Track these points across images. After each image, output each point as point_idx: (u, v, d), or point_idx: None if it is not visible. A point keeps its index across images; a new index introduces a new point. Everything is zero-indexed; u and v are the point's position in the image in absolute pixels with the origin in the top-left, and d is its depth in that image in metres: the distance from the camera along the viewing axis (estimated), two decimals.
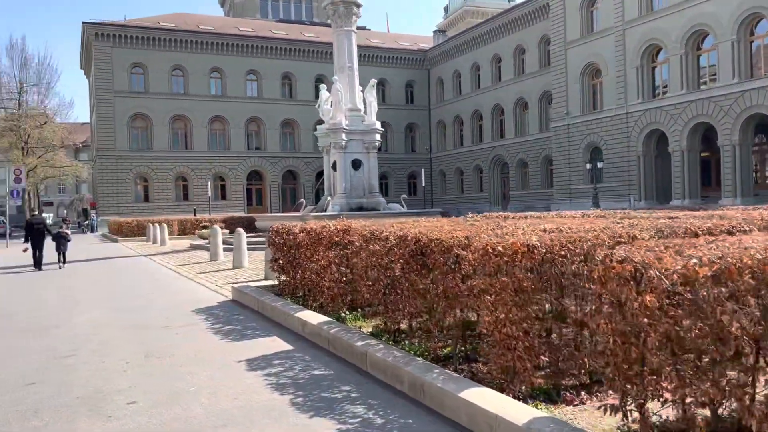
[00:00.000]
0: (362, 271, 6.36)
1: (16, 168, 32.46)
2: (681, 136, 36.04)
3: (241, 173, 58.18)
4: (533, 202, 51.26)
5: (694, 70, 35.86)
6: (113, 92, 53.18)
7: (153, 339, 7.26)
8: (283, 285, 9.19)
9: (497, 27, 55.82)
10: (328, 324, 6.41)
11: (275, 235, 9.27)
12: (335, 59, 23.89)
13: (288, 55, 59.82)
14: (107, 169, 53.12)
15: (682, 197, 36.05)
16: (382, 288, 6.02)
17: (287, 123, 60.16)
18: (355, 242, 6.99)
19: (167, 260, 18.62)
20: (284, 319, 7.48)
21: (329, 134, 23.10)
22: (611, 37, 40.30)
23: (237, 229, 14.85)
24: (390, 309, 5.98)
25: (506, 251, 4.17)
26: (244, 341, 6.89)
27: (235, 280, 12.52)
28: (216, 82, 57.63)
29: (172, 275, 14.35)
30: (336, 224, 7.48)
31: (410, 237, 5.35)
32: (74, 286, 13.17)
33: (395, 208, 23.09)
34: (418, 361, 4.82)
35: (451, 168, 63.59)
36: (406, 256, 5.41)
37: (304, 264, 8.09)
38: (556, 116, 45.44)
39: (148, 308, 9.59)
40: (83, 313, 9.45)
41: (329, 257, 7.31)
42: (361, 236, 6.40)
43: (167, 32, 55.03)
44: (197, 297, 10.55)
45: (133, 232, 34.59)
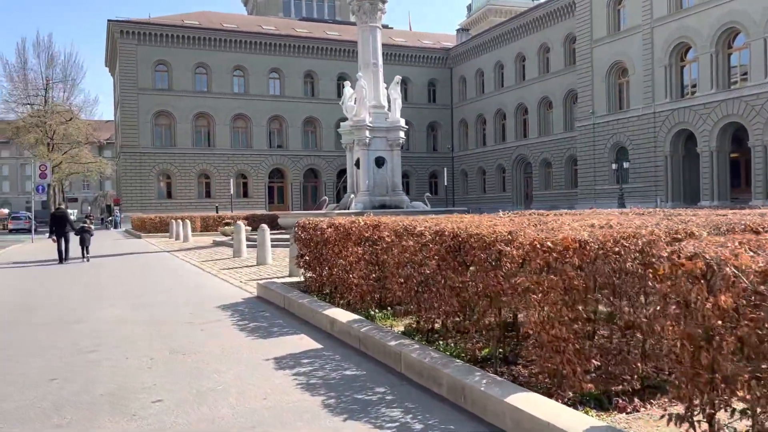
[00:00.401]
0: (394, 267, 6.10)
1: (42, 164, 32.72)
2: (710, 136, 35.30)
3: (263, 171, 58.28)
4: (557, 202, 50.62)
5: (724, 68, 35.11)
6: (137, 89, 53.57)
7: (177, 335, 7.08)
8: (309, 282, 8.97)
9: (521, 25, 55.27)
10: (358, 322, 6.17)
11: (301, 230, 9.05)
12: (360, 56, 23.68)
13: (310, 53, 59.80)
14: (131, 166, 53.54)
15: (710, 198, 35.30)
16: (415, 285, 5.77)
17: (309, 121, 60.16)
18: (386, 238, 6.75)
19: (190, 256, 18.54)
20: (312, 316, 7.25)
21: (353, 131, 22.91)
22: (639, 35, 39.62)
23: (261, 226, 14.67)
24: (423, 308, 5.72)
25: (556, 247, 3.89)
26: (270, 339, 6.67)
27: (259, 276, 12.35)
28: (239, 80, 57.79)
29: (196, 271, 14.22)
30: (366, 219, 7.24)
31: (447, 232, 5.08)
32: (97, 281, 13.10)
33: (418, 207, 22.83)
34: (457, 362, 4.56)
35: (473, 167, 63.13)
36: (442, 252, 5.15)
37: (331, 260, 7.86)
38: (582, 115, 44.82)
39: (171, 304, 9.43)
40: (106, 308, 9.32)
41: (358, 253, 7.07)
42: (393, 232, 6.15)
43: (191, 30, 55.30)
44: (221, 293, 10.37)
45: (156, 228, 34.72)
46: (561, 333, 3.88)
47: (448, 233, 5.07)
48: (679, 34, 36.98)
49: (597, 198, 43.17)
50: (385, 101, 23.55)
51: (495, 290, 4.53)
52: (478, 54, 61.70)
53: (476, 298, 4.77)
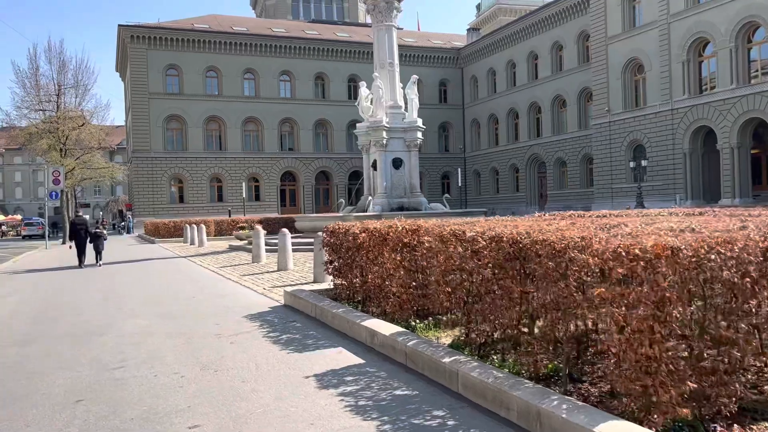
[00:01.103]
0: (440, 276, 5.68)
1: (55, 170, 32.54)
2: (731, 132, 34.61)
3: (274, 174, 57.99)
4: (572, 201, 50.02)
5: (744, 63, 34.41)
6: (148, 94, 53.43)
7: (206, 349, 6.68)
8: (338, 289, 8.57)
9: (533, 23, 54.69)
10: (403, 335, 5.74)
11: (330, 235, 8.65)
12: (375, 55, 23.27)
13: (321, 55, 59.47)
14: (143, 171, 53.40)
15: (732, 196, 34.62)
16: (464, 295, 5.35)
17: (320, 123, 59.82)
18: (426, 244, 6.34)
19: (208, 262, 18.19)
20: (348, 327, 6.83)
21: (369, 132, 22.51)
22: (655, 31, 38.98)
23: (281, 230, 14.26)
24: (474, 319, 5.30)
25: (645, 255, 3.46)
26: (306, 353, 6.26)
27: (282, 282, 11.95)
28: (249, 83, 57.54)
29: (216, 278, 13.84)
30: (403, 224, 6.81)
31: (506, 238, 4.66)
32: (116, 289, 12.75)
33: (437, 208, 22.39)
34: (526, 384, 4.12)
35: (485, 167, 62.57)
36: (500, 259, 4.72)
37: (365, 267, 7.45)
38: (597, 113, 44.19)
39: (195, 314, 9.05)
40: (128, 318, 8.95)
41: (396, 260, 6.65)
42: (439, 237, 5.73)
43: (201, 34, 55.10)
44: (246, 301, 9.98)
45: (170, 233, 34.44)
46: (652, 352, 3.45)
47: (506, 239, 4.64)
48: (696, 29, 36.32)
49: (614, 197, 42.55)
50: (401, 101, 23.14)
51: (567, 302, 4.10)
52: (490, 53, 61.16)
53: (542, 310, 4.34)
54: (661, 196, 38.73)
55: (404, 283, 6.57)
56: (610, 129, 42.89)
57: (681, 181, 37.94)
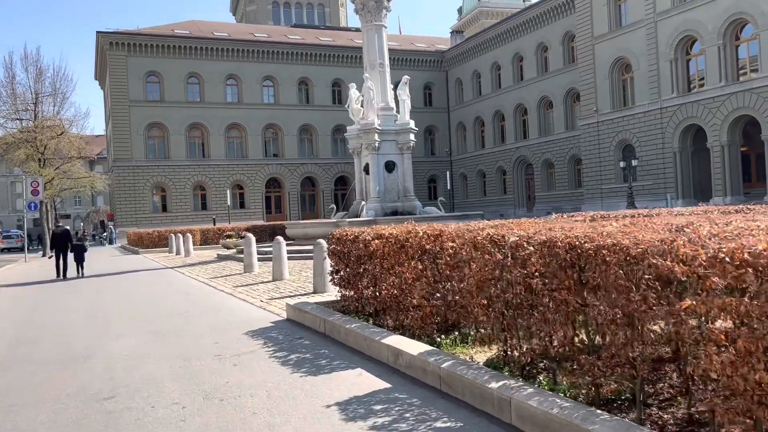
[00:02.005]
0: (474, 286, 5.05)
1: (34, 180, 31.51)
2: (720, 130, 34.46)
3: (259, 181, 57.14)
4: (561, 203, 49.73)
5: (733, 60, 34.30)
6: (129, 101, 52.41)
7: (207, 372, 5.99)
8: (347, 301, 7.92)
9: (518, 25, 54.45)
10: (434, 355, 5.09)
11: (336, 243, 7.99)
12: (365, 56, 22.65)
13: (304, 60, 58.76)
14: (124, 180, 52.32)
15: (723, 194, 34.45)
16: (503, 308, 4.72)
17: (305, 129, 59.08)
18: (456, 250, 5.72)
19: (197, 272, 17.40)
20: (366, 345, 6.16)
21: (360, 135, 21.88)
22: (642, 30, 38.81)
23: (276, 238, 13.54)
24: (517, 335, 4.68)
25: (758, 260, 2.86)
26: (322, 375, 5.59)
27: (280, 294, 11.25)
28: (232, 89, 56.69)
29: (208, 290, 13.09)
30: (425, 229, 6.18)
31: (561, 243, 4.04)
32: (102, 304, 11.98)
33: (432, 212, 21.82)
34: (602, 415, 3.49)
35: (472, 170, 62.18)
36: (553, 267, 4.10)
37: (379, 277, 6.80)
38: (585, 114, 43.94)
39: (190, 331, 8.33)
40: (117, 338, 8.22)
41: (418, 269, 6.02)
42: (471, 243, 5.10)
43: (182, 39, 54.19)
44: (244, 316, 9.27)
45: (154, 243, 33.49)
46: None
47: (562, 244, 4.02)
48: (684, 28, 36.16)
49: (604, 197, 42.28)
50: (392, 103, 22.55)
51: (642, 317, 3.50)
52: (474, 56, 60.86)
53: (611, 326, 3.73)
54: (652, 196, 38.51)
55: (427, 294, 5.94)
56: (599, 129, 42.64)
57: (671, 180, 37.73)
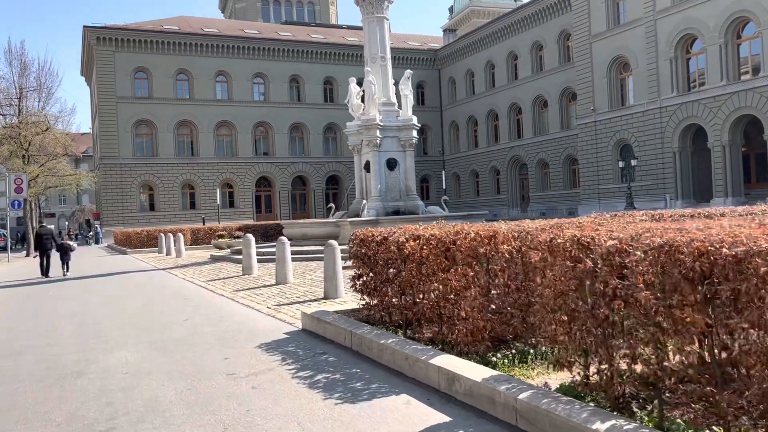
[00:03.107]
0: (549, 298, 4.22)
1: (17, 177, 30.34)
2: (722, 129, 33.96)
3: (249, 180, 56.09)
4: (555, 203, 49.23)
5: (734, 59, 33.82)
6: (116, 98, 51.20)
7: (222, 397, 5.11)
8: (371, 310, 7.06)
9: (512, 23, 53.82)
10: (504, 382, 4.22)
11: (359, 244, 7.14)
12: (366, 49, 21.79)
13: (295, 57, 57.77)
14: (111, 178, 51.10)
15: (724, 195, 33.93)
16: (593, 326, 3.90)
17: (296, 127, 58.10)
18: (505, 254, 4.89)
19: (191, 274, 16.45)
20: (408, 365, 5.29)
21: (361, 131, 21.02)
22: (641, 28, 38.26)
23: (280, 239, 12.62)
24: (608, 358, 3.86)
25: None
26: (361, 403, 4.72)
27: (287, 299, 10.36)
28: (222, 86, 55.61)
29: (206, 294, 12.16)
30: (476, 229, 5.35)
31: (687, 249, 3.22)
32: (92, 310, 11.02)
33: (436, 212, 21.02)
34: None
35: (465, 170, 61.50)
36: (675, 278, 3.28)
37: (415, 284, 5.96)
38: (582, 113, 43.36)
39: (195, 343, 7.42)
40: (112, 350, 7.31)
41: (468, 276, 5.18)
42: (546, 247, 4.26)
43: (171, 35, 53.05)
44: (252, 325, 8.37)
45: (142, 242, 32.40)
46: None
47: (688, 251, 3.20)
48: (684, 26, 35.63)
49: (601, 198, 41.71)
50: (394, 98, 21.72)
51: None
52: (468, 54, 60.16)
53: (749, 354, 2.91)
54: (650, 196, 37.99)
55: (480, 305, 5.10)
56: (596, 129, 42.07)
57: (671, 180, 37.20)
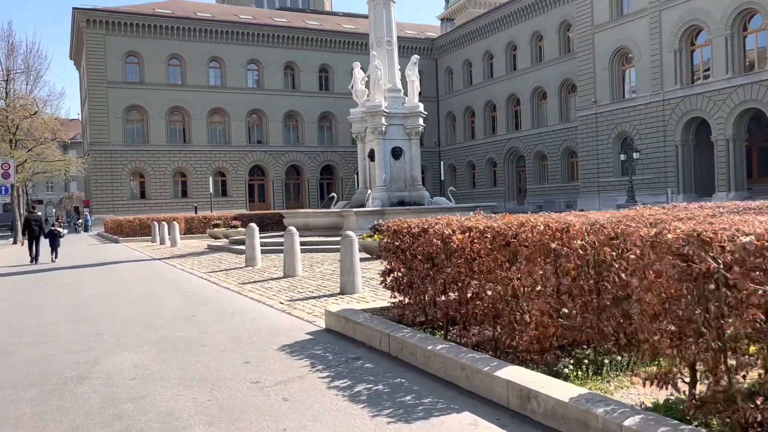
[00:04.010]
0: (651, 305, 3.55)
1: (4, 162, 29.37)
2: (726, 123, 33.47)
3: (242, 168, 55.19)
4: (553, 196, 48.71)
5: (740, 52, 33.30)
6: (106, 83, 50.11)
7: (251, 411, 4.40)
8: (405, 309, 6.37)
9: (512, 13, 53.08)
10: (599, 403, 3.54)
11: (393, 236, 6.44)
12: (372, 33, 21.01)
13: (290, 43, 56.81)
14: (101, 165, 50.06)
15: (727, 189, 33.50)
16: (713, 337, 3.24)
17: (290, 115, 57.20)
18: (590, 249, 4.23)
19: (190, 265, 15.68)
20: (465, 377, 4.56)
21: (365, 118, 20.27)
22: (645, 19, 37.64)
23: (288, 228, 11.88)
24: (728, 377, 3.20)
25: None
26: (417, 422, 3.98)
27: (300, 294, 9.64)
28: (215, 72, 54.61)
29: (210, 287, 11.42)
30: (548, 221, 4.67)
31: None
32: (89, 303, 10.27)
33: (442, 203, 20.35)
34: None
35: (461, 162, 60.87)
36: None
37: (465, 283, 5.27)
38: (583, 105, 42.75)
39: (206, 343, 6.70)
40: (114, 349, 6.58)
41: (537, 275, 4.50)
42: (649, 243, 3.59)
43: (163, 19, 51.93)
44: (268, 323, 7.65)
45: (135, 231, 31.52)
46: None
47: None
48: (690, 17, 35.05)
49: (601, 191, 41.22)
50: (400, 84, 20.96)
51: None
52: (466, 44, 59.40)
53: None
54: (652, 190, 37.53)
55: (551, 308, 4.42)
56: (597, 121, 41.50)
57: (672, 174, 36.72)
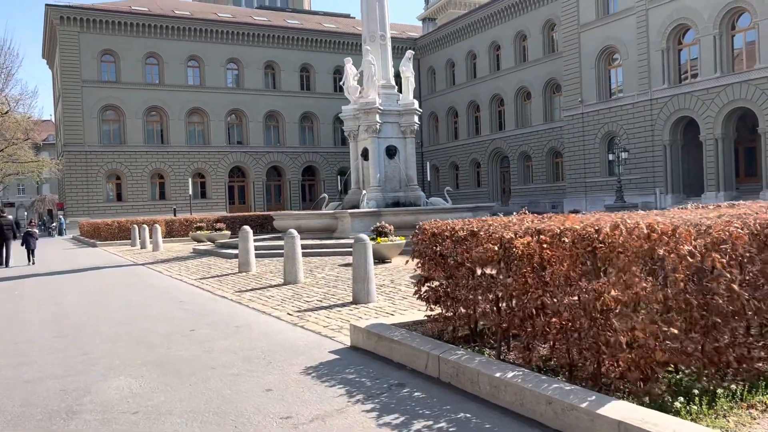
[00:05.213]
0: None
1: None
2: (715, 122, 33.23)
3: (222, 170, 53.92)
4: (538, 197, 48.31)
5: (728, 51, 33.09)
6: (81, 81, 48.52)
7: None
8: (442, 323, 5.58)
9: (495, 13, 52.57)
10: None
11: (430, 240, 5.64)
12: (364, 27, 20.18)
13: (271, 42, 55.70)
14: (76, 167, 48.44)
15: (716, 189, 33.25)
16: None
17: (271, 115, 56.08)
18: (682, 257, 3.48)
19: (177, 271, 14.69)
20: (554, 413, 3.76)
21: (358, 116, 19.44)
22: (632, 18, 37.32)
23: (289, 231, 10.97)
24: None
25: None
26: None
27: (307, 303, 8.77)
28: (194, 72, 53.28)
29: (204, 295, 10.48)
30: (651, 223, 3.90)
31: None
32: (71, 314, 9.28)
33: (438, 203, 19.63)
34: None
35: (444, 162, 60.24)
36: None
37: (536, 295, 4.48)
38: (569, 104, 42.35)
39: (215, 365, 5.81)
40: (107, 373, 5.67)
41: (638, 287, 3.72)
42: None
43: (140, 17, 50.51)
44: (280, 339, 6.76)
45: (113, 234, 30.27)
46: None
47: None
48: (677, 16, 34.77)
49: (588, 191, 40.85)
50: (393, 81, 20.17)
51: None
52: (448, 44, 58.82)
53: None
54: (640, 190, 37.24)
55: (656, 330, 3.65)
56: (583, 120, 41.13)
57: (660, 174, 36.43)
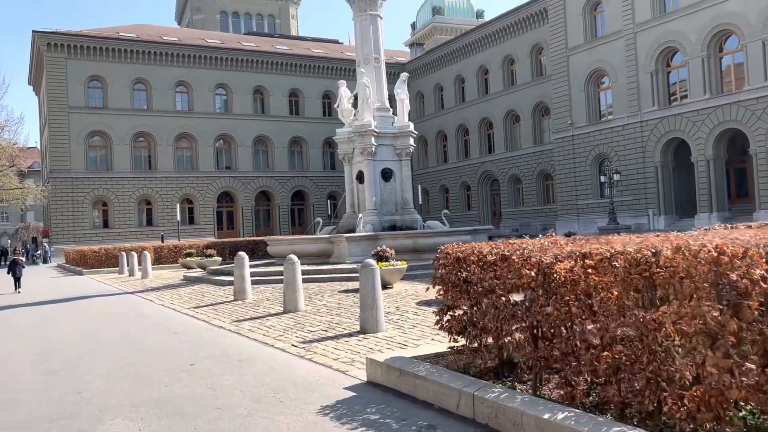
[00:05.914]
0: None
1: None
2: (705, 144, 33.31)
3: (210, 195, 53.37)
4: (529, 219, 48.19)
5: (717, 72, 33.31)
6: (68, 107, 48.04)
7: None
8: (466, 355, 5.17)
9: (483, 37, 52.91)
10: None
11: (454, 266, 5.24)
12: (358, 50, 19.99)
13: (259, 68, 55.66)
14: (61, 193, 47.71)
15: (709, 210, 33.20)
16: None
17: (260, 140, 55.79)
18: None
19: (169, 299, 14.15)
20: None
21: (353, 138, 19.14)
22: (620, 41, 37.59)
23: (289, 256, 10.52)
24: None
25: None
26: None
27: (312, 334, 8.29)
28: (182, 97, 52.99)
29: (200, 325, 9.97)
30: (720, 245, 3.53)
31: None
32: (60, 348, 8.74)
33: (436, 227, 19.27)
34: None
35: (434, 186, 60.08)
36: None
37: (583, 325, 4.09)
38: (558, 127, 42.41)
39: (222, 405, 5.34)
40: (103, 415, 5.18)
41: (708, 315, 3.34)
42: None
43: (128, 43, 50.28)
44: (291, 374, 6.28)
45: (100, 262, 29.58)
46: None
47: None
48: (665, 39, 35.06)
49: (580, 214, 40.72)
50: (388, 103, 19.92)
51: None
52: (437, 68, 59.10)
53: None
54: (632, 212, 37.16)
55: (732, 364, 3.27)
56: (574, 143, 41.16)
57: (653, 195, 36.39)
